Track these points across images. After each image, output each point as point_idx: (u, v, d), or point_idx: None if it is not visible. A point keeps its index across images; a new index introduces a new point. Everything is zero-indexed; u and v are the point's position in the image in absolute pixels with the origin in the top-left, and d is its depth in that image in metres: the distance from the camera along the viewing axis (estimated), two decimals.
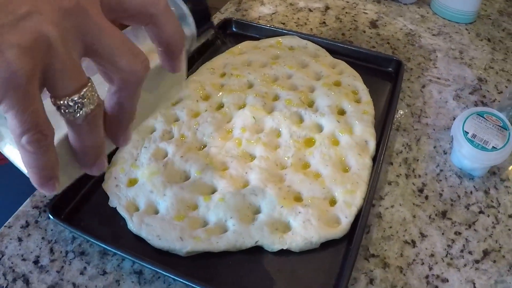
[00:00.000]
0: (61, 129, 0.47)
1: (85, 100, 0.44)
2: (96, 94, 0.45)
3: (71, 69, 0.43)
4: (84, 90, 0.44)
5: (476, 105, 1.09)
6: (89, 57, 0.45)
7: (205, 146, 0.91)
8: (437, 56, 1.22)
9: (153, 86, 0.57)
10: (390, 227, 0.84)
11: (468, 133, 0.89)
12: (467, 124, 0.91)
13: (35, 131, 0.42)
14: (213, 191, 0.84)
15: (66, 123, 0.46)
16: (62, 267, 0.76)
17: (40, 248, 0.78)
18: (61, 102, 0.43)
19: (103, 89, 0.48)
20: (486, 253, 0.82)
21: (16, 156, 0.51)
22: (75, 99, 0.43)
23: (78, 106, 0.44)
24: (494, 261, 0.80)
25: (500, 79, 1.16)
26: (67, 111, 0.44)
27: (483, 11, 1.43)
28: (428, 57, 1.22)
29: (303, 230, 0.78)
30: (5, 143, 0.53)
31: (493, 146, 0.88)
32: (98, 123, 0.47)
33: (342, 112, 0.98)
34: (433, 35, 1.30)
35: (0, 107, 0.41)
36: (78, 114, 0.44)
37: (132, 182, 0.85)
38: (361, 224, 0.79)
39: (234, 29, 1.25)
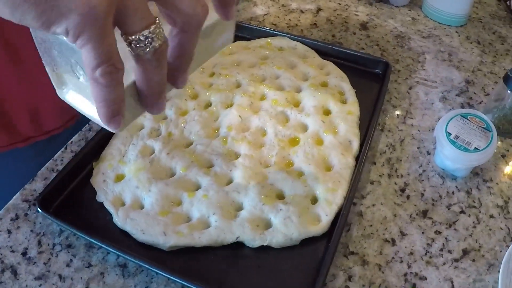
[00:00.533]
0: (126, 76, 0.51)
1: (154, 35, 0.48)
2: (163, 31, 0.49)
3: (142, 8, 0.47)
4: (153, 26, 0.48)
5: (462, 107, 1.10)
6: (155, 0, 0.50)
7: (191, 143, 0.93)
8: (425, 58, 1.23)
9: (207, 33, 0.61)
10: (371, 226, 0.86)
11: (451, 134, 0.91)
12: (450, 125, 0.92)
13: (109, 63, 0.46)
14: (197, 187, 0.85)
15: (135, 60, 0.50)
16: (49, 259, 0.78)
17: (28, 240, 0.80)
18: (133, 37, 0.48)
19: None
20: (465, 252, 0.83)
21: (79, 101, 0.56)
22: (146, 34, 0.48)
23: (148, 41, 0.48)
24: (473, 260, 0.82)
25: (488, 81, 1.17)
26: (138, 45, 0.48)
27: (474, 14, 1.44)
28: (417, 59, 1.23)
29: (284, 227, 0.80)
30: (68, 90, 0.57)
31: (475, 147, 0.89)
32: (163, 59, 0.51)
33: (327, 113, 1.00)
34: (423, 37, 1.31)
35: (77, 42, 0.45)
36: (148, 49, 0.48)
37: (119, 178, 0.87)
38: (341, 221, 0.80)
39: None
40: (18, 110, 0.97)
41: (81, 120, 1.04)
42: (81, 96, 0.56)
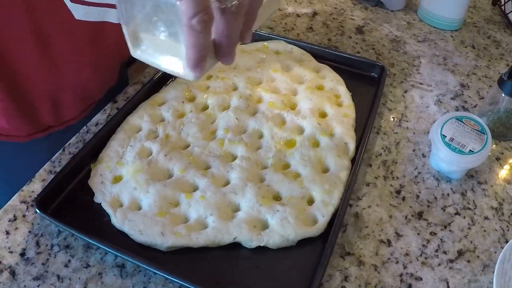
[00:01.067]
0: None
1: None
2: None
3: None
4: None
5: (457, 110, 1.10)
6: None
7: (188, 145, 0.93)
8: (421, 62, 1.24)
9: None
10: (367, 227, 0.86)
11: (446, 136, 0.91)
12: (445, 128, 0.93)
13: (205, 12, 0.54)
14: (195, 189, 0.86)
15: (220, 13, 0.57)
16: (47, 259, 0.78)
17: (26, 241, 0.80)
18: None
19: None
20: (460, 253, 0.83)
21: (153, 58, 0.65)
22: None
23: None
24: (469, 261, 0.82)
25: (483, 85, 1.18)
26: (229, 9, 0.57)
27: (469, 19, 1.45)
28: (412, 63, 1.24)
29: (280, 228, 0.80)
30: (143, 47, 0.65)
31: (470, 150, 0.90)
32: (241, 14, 0.59)
33: (323, 115, 1.00)
34: (418, 41, 1.32)
35: None
36: (234, 2, 0.57)
37: (117, 179, 0.87)
38: (337, 222, 0.81)
39: None
40: (41, 99, 0.98)
41: (97, 107, 1.07)
42: (156, 53, 0.65)
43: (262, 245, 0.80)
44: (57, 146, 0.94)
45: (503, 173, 0.98)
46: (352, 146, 0.95)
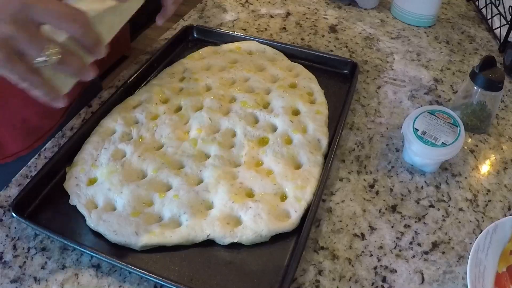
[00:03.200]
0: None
1: (50, 55, 0.63)
2: (56, 48, 0.64)
3: (32, 42, 0.63)
4: (48, 52, 0.63)
5: (430, 104, 1.11)
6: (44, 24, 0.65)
7: (162, 146, 0.94)
8: (394, 59, 1.25)
9: (117, 10, 0.78)
10: (340, 221, 0.87)
11: (418, 130, 0.92)
12: (417, 122, 0.94)
13: (23, 81, 0.66)
14: (168, 188, 0.87)
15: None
16: (25, 262, 0.78)
17: (3, 245, 0.80)
18: (35, 61, 0.63)
19: None
20: (435, 245, 0.84)
21: None
22: (43, 59, 0.63)
23: (47, 60, 0.64)
24: (443, 253, 0.83)
25: (456, 79, 1.19)
26: (43, 65, 0.64)
27: (443, 15, 1.46)
28: (385, 60, 1.25)
29: (253, 224, 0.81)
30: None
31: (442, 142, 0.90)
32: (70, 59, 0.66)
33: (296, 113, 1.01)
34: (392, 38, 1.33)
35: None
36: (52, 63, 0.64)
37: (92, 181, 0.88)
38: (310, 217, 0.82)
39: (195, 35, 1.27)
40: None
41: (71, 112, 1.09)
42: None
43: (235, 241, 0.80)
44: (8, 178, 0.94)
45: (477, 165, 0.99)
46: (325, 142, 0.95)
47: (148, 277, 0.74)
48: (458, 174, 0.96)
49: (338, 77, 1.15)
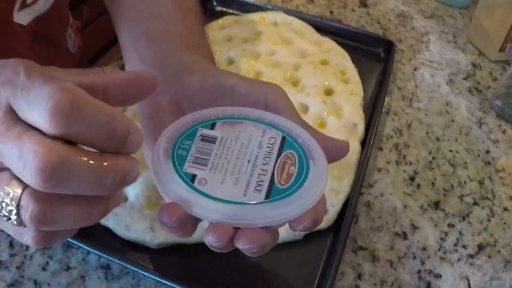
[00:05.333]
0: None
1: (7, 208, 0.40)
2: (15, 193, 0.40)
3: None
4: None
5: (470, 91, 1.05)
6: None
7: None
8: (429, 39, 1.18)
9: None
10: (380, 217, 0.80)
11: None
12: None
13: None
14: None
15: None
16: (23, 262, 0.71)
17: None
18: None
19: None
20: (480, 247, 0.78)
21: None
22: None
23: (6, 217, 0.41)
24: (489, 256, 0.77)
25: (495, 66, 1.12)
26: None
27: None
28: (421, 40, 1.17)
29: None
30: None
31: None
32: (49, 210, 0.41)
33: (329, 93, 0.93)
34: (426, 17, 1.25)
35: None
36: (19, 219, 0.40)
37: None
38: (349, 213, 0.74)
39: (215, 3, 1.19)
40: None
41: None
42: None
43: None
44: None
45: None
46: (361, 127, 0.87)
47: (166, 281, 0.67)
48: (501, 169, 0.90)
49: (371, 56, 1.07)
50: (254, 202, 0.49)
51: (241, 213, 0.48)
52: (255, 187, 0.50)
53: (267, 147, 0.54)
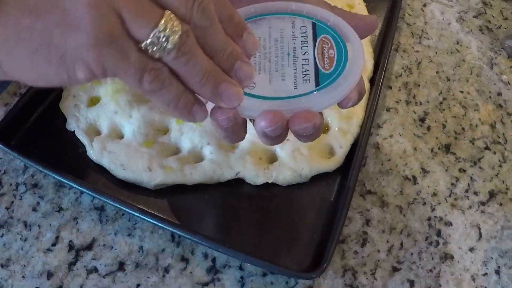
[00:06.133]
0: None
1: (167, 31, 0.42)
2: (177, 22, 0.42)
3: (139, 5, 0.42)
4: (162, 21, 0.41)
5: (480, 29, 1.01)
6: None
7: None
8: None
9: None
10: (389, 160, 0.78)
11: None
12: None
13: (149, 71, 0.43)
14: None
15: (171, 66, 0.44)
16: (12, 202, 0.70)
17: None
18: (144, 44, 0.42)
19: None
20: (492, 194, 0.77)
21: None
22: (156, 34, 0.41)
23: (163, 39, 0.42)
24: (501, 204, 0.76)
25: (506, 5, 1.08)
26: (155, 49, 0.42)
27: None
28: None
29: (292, 161, 0.71)
30: None
31: None
32: (194, 49, 0.44)
33: None
34: None
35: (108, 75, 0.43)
36: (169, 46, 0.42)
37: (94, 101, 0.76)
38: (358, 155, 0.72)
39: None
40: None
41: None
42: None
43: (270, 181, 0.71)
44: None
45: None
46: (370, 64, 0.84)
47: (164, 225, 0.65)
48: None
49: None
50: (308, 91, 0.51)
51: (296, 104, 0.50)
52: (303, 77, 0.52)
53: (301, 36, 0.55)
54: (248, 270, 0.66)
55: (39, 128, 0.75)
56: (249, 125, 0.62)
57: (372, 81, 0.82)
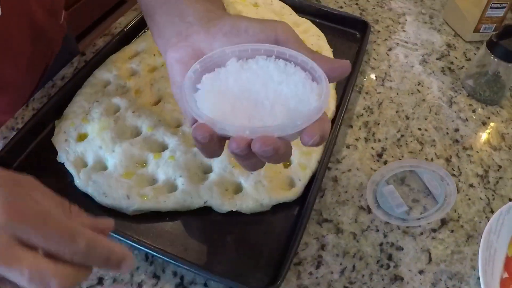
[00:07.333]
0: None
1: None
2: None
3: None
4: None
5: (443, 71, 1.07)
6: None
7: (159, 101, 0.88)
8: (406, 20, 1.20)
9: None
10: (346, 192, 0.83)
11: None
12: None
13: None
14: (164, 148, 0.81)
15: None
16: None
17: None
18: None
19: None
20: (444, 222, 0.81)
21: None
22: None
23: None
24: (452, 231, 0.80)
25: (470, 46, 1.15)
26: None
27: None
28: (397, 20, 1.19)
29: (254, 192, 0.76)
30: None
31: None
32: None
33: None
34: None
35: None
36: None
37: (82, 137, 0.82)
38: (315, 187, 0.77)
39: None
40: None
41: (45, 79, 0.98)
42: None
43: (234, 210, 0.76)
44: None
45: (489, 139, 0.95)
46: (332, 105, 0.90)
47: (139, 246, 0.70)
48: (469, 147, 0.92)
49: (347, 36, 1.10)
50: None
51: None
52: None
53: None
54: (213, 287, 0.70)
55: (33, 160, 0.80)
56: (217, 159, 0.70)
57: (333, 121, 0.87)
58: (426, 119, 0.96)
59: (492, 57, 0.96)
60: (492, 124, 0.98)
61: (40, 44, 0.96)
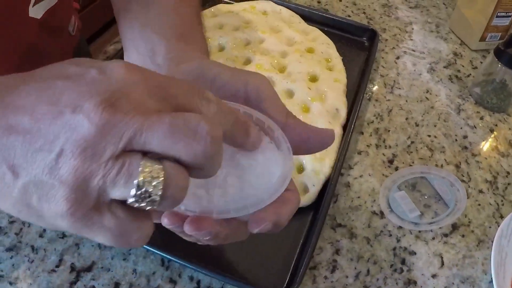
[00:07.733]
0: None
1: (146, 187, 0.38)
2: (155, 168, 0.38)
3: (115, 175, 0.37)
4: (139, 180, 0.38)
5: (450, 79, 1.07)
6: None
7: None
8: (413, 29, 1.21)
9: None
10: (358, 197, 0.83)
11: None
12: None
13: (115, 237, 0.40)
14: None
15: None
16: (21, 229, 0.74)
17: None
18: (129, 203, 0.39)
19: None
20: (455, 227, 0.81)
21: None
22: (137, 193, 0.38)
23: (144, 196, 0.38)
24: (463, 236, 0.80)
25: (476, 55, 1.15)
26: (142, 205, 0.38)
27: None
28: (404, 29, 1.20)
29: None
30: None
31: None
32: (180, 188, 0.40)
33: (314, 79, 0.96)
34: (410, 7, 1.28)
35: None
36: (155, 199, 0.38)
37: None
38: (329, 192, 0.78)
39: None
40: None
41: None
42: None
43: None
44: None
45: (497, 145, 0.96)
46: (343, 112, 0.91)
47: (155, 251, 0.70)
48: (478, 153, 0.93)
49: (355, 45, 1.10)
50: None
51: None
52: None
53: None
54: None
55: None
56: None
57: (344, 127, 0.88)
58: (435, 126, 0.97)
59: (499, 65, 0.97)
60: (499, 131, 0.98)
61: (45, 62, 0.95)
